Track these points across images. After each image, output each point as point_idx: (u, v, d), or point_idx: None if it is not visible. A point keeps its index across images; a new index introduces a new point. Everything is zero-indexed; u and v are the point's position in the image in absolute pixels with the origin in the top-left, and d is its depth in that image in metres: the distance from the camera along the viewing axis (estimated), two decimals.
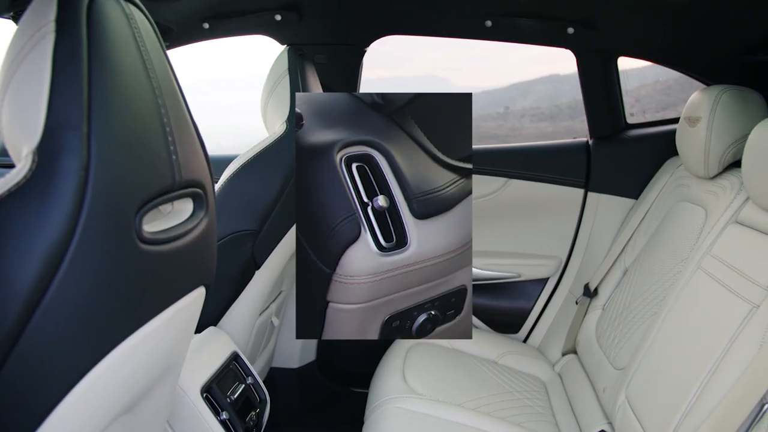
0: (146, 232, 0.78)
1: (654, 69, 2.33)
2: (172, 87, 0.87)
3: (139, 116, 0.77)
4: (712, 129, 1.74)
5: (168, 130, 0.82)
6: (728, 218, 1.61)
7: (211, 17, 2.14)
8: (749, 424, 1.18)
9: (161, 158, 0.80)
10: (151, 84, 0.81)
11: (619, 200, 2.32)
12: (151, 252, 0.79)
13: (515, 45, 2.30)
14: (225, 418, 1.50)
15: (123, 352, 0.79)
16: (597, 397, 1.86)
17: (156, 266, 0.81)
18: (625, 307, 1.92)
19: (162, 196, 0.81)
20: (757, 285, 1.34)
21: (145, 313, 0.83)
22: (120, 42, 0.76)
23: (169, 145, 0.82)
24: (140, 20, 0.83)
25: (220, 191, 1.66)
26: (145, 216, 0.78)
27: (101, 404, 0.82)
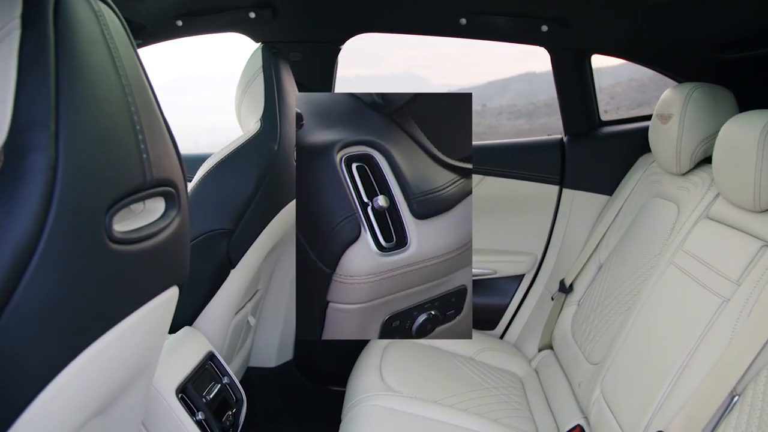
0: (117, 231, 0.77)
1: (629, 67, 2.35)
2: (142, 85, 0.86)
3: (109, 114, 0.76)
4: (683, 126, 1.76)
5: (138, 128, 0.81)
6: (699, 214, 1.63)
7: (184, 15, 2.12)
8: (720, 416, 1.20)
9: (131, 157, 0.80)
10: (121, 82, 0.80)
11: (594, 197, 2.34)
12: (121, 252, 0.78)
13: (492, 43, 2.31)
14: (201, 418, 1.49)
15: (94, 353, 0.78)
16: (573, 392, 1.88)
17: (127, 266, 0.80)
18: (599, 303, 1.94)
19: (133, 195, 0.80)
20: (727, 279, 1.36)
21: (116, 314, 0.82)
22: (88, 39, 0.75)
23: (139, 144, 0.81)
24: (109, 18, 0.82)
25: (193, 190, 1.65)
26: (116, 215, 0.77)
27: (72, 406, 0.80)
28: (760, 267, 1.29)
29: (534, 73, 3.45)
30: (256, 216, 1.71)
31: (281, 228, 1.92)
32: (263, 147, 1.71)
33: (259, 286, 2.14)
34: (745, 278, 1.32)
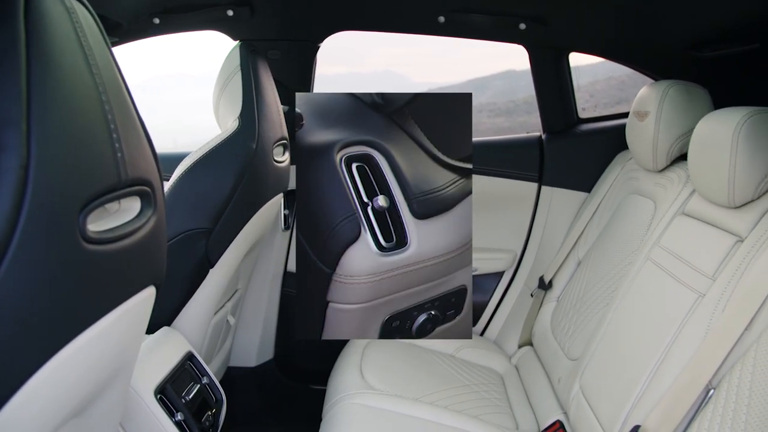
0: (91, 231, 0.76)
1: (608, 65, 2.37)
2: (117, 84, 0.85)
3: (82, 113, 0.75)
4: (659, 123, 1.78)
5: (113, 127, 0.80)
6: (676, 210, 1.65)
7: (161, 12, 2.10)
8: (696, 410, 1.21)
9: (106, 156, 0.79)
10: (95, 80, 0.79)
11: (572, 194, 2.35)
12: (96, 252, 0.77)
13: (472, 41, 2.32)
14: (180, 419, 1.48)
15: (69, 354, 0.78)
16: (552, 388, 1.89)
17: (102, 266, 0.79)
18: (578, 299, 1.95)
19: (107, 195, 0.79)
20: (702, 274, 1.38)
21: (91, 314, 0.81)
22: (61, 37, 0.74)
23: (113, 143, 0.80)
24: (83, 15, 0.81)
25: (171, 189, 1.63)
26: (90, 215, 0.76)
27: (48, 408, 0.80)
28: (734, 262, 1.31)
29: (514, 71, 3.47)
30: (235, 215, 1.70)
31: (260, 227, 1.91)
32: (241, 145, 1.70)
33: (239, 286, 2.13)
34: (719, 273, 1.34)
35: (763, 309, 1.16)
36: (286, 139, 1.98)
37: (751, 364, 1.12)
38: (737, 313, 1.20)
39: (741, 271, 1.27)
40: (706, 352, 1.22)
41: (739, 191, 1.34)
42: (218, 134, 1.73)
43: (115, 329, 0.89)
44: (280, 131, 1.92)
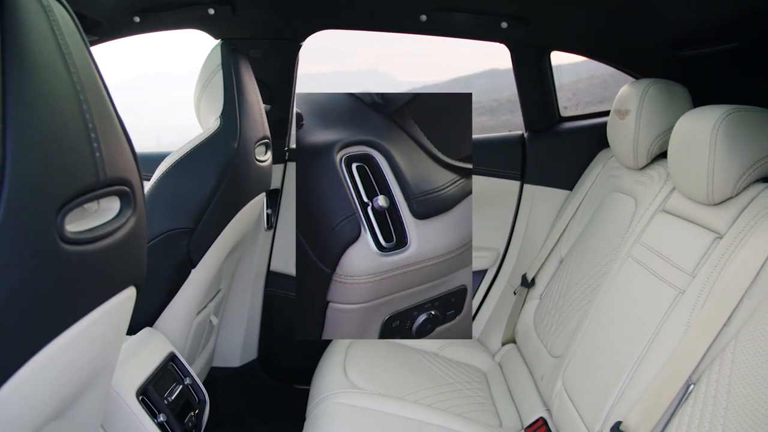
0: (69, 231, 0.75)
1: (590, 63, 2.38)
2: (95, 82, 0.84)
3: (59, 112, 0.74)
4: (640, 121, 1.79)
5: (91, 126, 0.80)
6: (656, 207, 1.67)
7: (141, 11, 2.08)
8: (677, 405, 1.22)
9: (83, 156, 0.78)
10: (72, 79, 0.78)
11: (554, 192, 2.37)
12: (74, 252, 0.76)
13: (456, 40, 2.32)
14: (162, 420, 1.47)
15: (48, 355, 0.77)
16: (536, 385, 1.90)
17: (80, 267, 0.79)
18: (561, 296, 1.96)
19: (85, 195, 0.78)
20: (682, 271, 1.39)
21: (69, 315, 0.80)
22: (36, 35, 0.73)
23: (92, 142, 0.79)
24: (59, 13, 0.80)
25: (152, 189, 1.62)
26: (68, 215, 0.75)
27: (27, 410, 0.79)
28: (714, 259, 1.32)
29: (497, 70, 3.47)
30: (217, 215, 1.70)
31: (243, 226, 1.90)
32: (223, 145, 1.69)
33: (221, 286, 2.12)
34: (699, 270, 1.35)
35: (741, 305, 1.18)
36: (268, 138, 1.97)
37: (730, 360, 1.13)
38: (716, 309, 1.21)
39: (720, 268, 1.29)
40: (686, 348, 1.24)
41: (718, 188, 1.35)
42: (199, 134, 1.72)
43: (95, 330, 0.88)
44: (262, 130, 1.91)
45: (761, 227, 1.22)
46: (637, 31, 2.01)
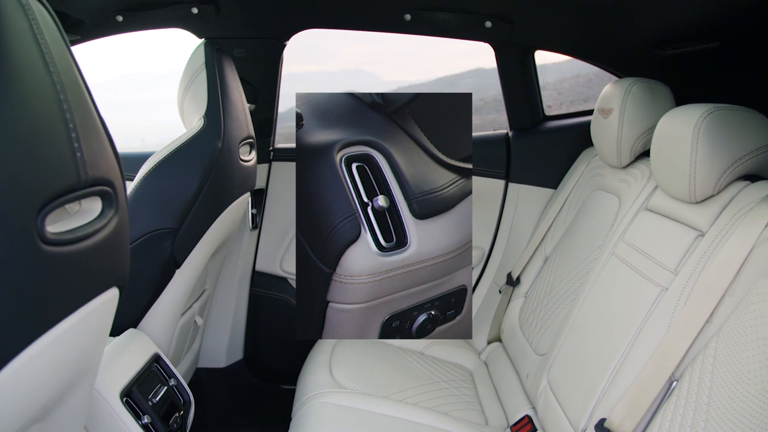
0: (49, 232, 0.75)
1: (575, 63, 2.40)
2: (75, 82, 0.83)
3: (38, 112, 0.74)
4: (623, 120, 1.80)
5: (71, 126, 0.79)
6: (639, 205, 1.68)
7: (124, 10, 2.06)
8: (660, 401, 1.24)
9: (64, 156, 0.77)
10: (52, 78, 0.77)
11: (539, 190, 2.38)
12: (55, 253, 0.76)
13: (442, 39, 2.32)
14: (147, 421, 1.47)
15: (29, 357, 0.76)
16: (521, 383, 1.91)
17: (61, 268, 0.78)
18: (546, 294, 1.97)
19: (66, 195, 0.78)
20: (665, 269, 1.40)
21: (51, 317, 0.79)
22: (15, 34, 0.72)
23: (72, 142, 0.79)
24: (39, 11, 0.79)
25: (135, 189, 1.61)
26: (49, 216, 0.75)
27: (8, 413, 0.78)
28: (696, 256, 1.33)
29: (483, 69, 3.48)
30: (201, 215, 1.69)
31: (227, 226, 1.90)
32: (207, 144, 1.69)
33: (207, 286, 2.11)
34: (681, 267, 1.36)
35: (723, 302, 1.19)
36: (252, 137, 1.97)
37: (711, 356, 1.15)
38: (698, 307, 1.22)
39: (702, 265, 1.30)
40: (669, 344, 1.25)
41: (700, 187, 1.37)
42: (183, 133, 1.71)
43: (77, 331, 0.87)
44: (246, 130, 1.90)
45: (742, 225, 1.24)
46: (620, 30, 2.02)
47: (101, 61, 3.16)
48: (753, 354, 1.06)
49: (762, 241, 1.16)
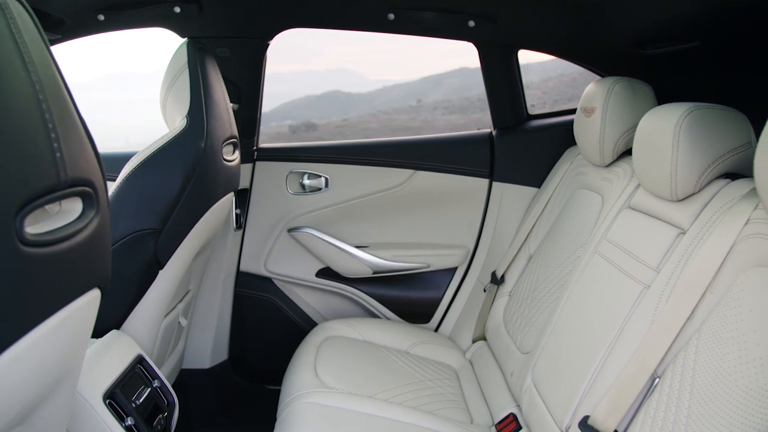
0: (29, 234, 0.74)
1: (560, 63, 2.41)
2: (54, 81, 0.83)
3: (17, 112, 0.73)
4: (605, 119, 1.81)
5: (51, 126, 0.78)
6: (622, 204, 1.69)
7: (106, 8, 2.05)
8: (643, 398, 1.24)
9: (43, 156, 0.77)
10: (30, 78, 0.76)
11: (523, 189, 2.39)
12: (34, 254, 0.75)
13: (426, 38, 2.32)
14: (130, 423, 1.46)
15: (9, 360, 0.75)
16: (506, 381, 1.91)
17: (41, 269, 0.77)
18: (530, 293, 1.98)
19: (46, 196, 0.77)
20: (647, 266, 1.41)
21: (30, 319, 0.79)
22: None
23: (52, 143, 0.78)
24: (17, 11, 0.78)
25: (118, 189, 1.60)
26: (28, 217, 0.74)
27: None
28: (677, 254, 1.34)
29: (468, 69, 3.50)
30: (184, 215, 1.68)
31: (211, 227, 1.89)
32: (190, 144, 1.68)
33: (191, 287, 2.10)
34: (663, 265, 1.37)
35: (704, 299, 1.20)
36: (235, 137, 1.96)
37: (693, 352, 1.16)
38: (680, 304, 1.23)
39: (683, 263, 1.31)
40: (651, 341, 1.25)
41: (681, 185, 1.38)
42: (166, 133, 1.70)
43: (58, 333, 0.87)
44: (230, 129, 1.89)
45: (722, 223, 1.25)
46: (602, 29, 2.03)
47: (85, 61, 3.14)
48: (733, 350, 1.07)
49: (742, 239, 1.17)
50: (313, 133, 3.84)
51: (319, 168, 2.46)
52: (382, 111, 4.06)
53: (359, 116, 4.03)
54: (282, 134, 3.74)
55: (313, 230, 2.45)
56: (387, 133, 4.04)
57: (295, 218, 2.47)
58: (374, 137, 2.53)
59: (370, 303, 2.51)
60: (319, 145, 2.50)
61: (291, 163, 2.46)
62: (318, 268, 2.52)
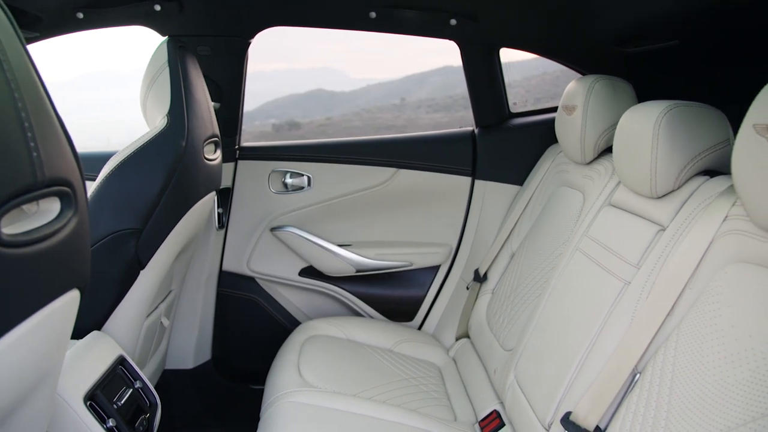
0: (5, 234, 0.73)
1: (542, 61, 2.42)
2: (31, 80, 0.82)
3: None
4: (586, 117, 1.82)
5: (27, 125, 0.77)
6: (603, 201, 1.70)
7: (85, 6, 2.02)
8: (624, 394, 1.25)
9: (20, 156, 0.76)
10: (6, 77, 0.75)
11: (505, 187, 2.40)
12: (11, 255, 0.74)
13: (410, 37, 2.32)
14: (112, 425, 1.44)
15: None
16: (489, 379, 1.92)
17: (18, 270, 0.77)
18: (512, 290, 1.99)
19: (22, 196, 0.76)
20: (627, 263, 1.42)
21: (8, 320, 0.78)
22: None
23: (28, 142, 0.77)
24: None
25: (97, 189, 1.58)
26: (5, 217, 0.73)
27: None
28: (657, 250, 1.35)
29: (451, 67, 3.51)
30: (165, 214, 1.67)
31: (193, 226, 1.88)
32: (170, 143, 1.66)
33: (173, 287, 2.09)
34: (643, 261, 1.38)
35: (683, 295, 1.21)
36: (217, 136, 1.95)
37: (673, 348, 1.17)
38: (660, 300, 1.24)
39: (663, 259, 1.32)
40: (632, 338, 1.26)
41: (661, 182, 1.39)
42: (146, 132, 1.69)
43: (36, 334, 0.86)
44: (211, 128, 1.88)
45: (701, 219, 1.26)
46: (582, 28, 2.05)
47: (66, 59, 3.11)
48: (712, 345, 1.08)
49: (720, 235, 1.18)
50: (296, 132, 3.83)
51: (302, 167, 2.45)
52: (365, 109, 4.06)
53: (343, 115, 4.03)
54: (265, 133, 3.73)
55: (296, 229, 2.45)
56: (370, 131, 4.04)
57: (278, 217, 2.46)
58: (358, 136, 2.53)
59: (353, 301, 2.51)
60: (302, 144, 2.49)
61: (273, 161, 2.45)
62: (301, 267, 2.52)
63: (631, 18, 1.82)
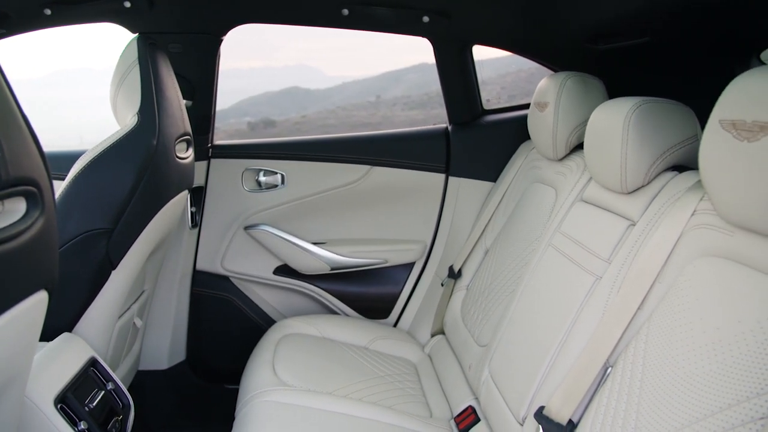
0: None
1: (517, 58, 2.43)
2: None
3: None
4: (558, 113, 1.84)
5: None
6: (575, 197, 1.72)
7: (53, 2, 1.99)
8: (596, 387, 1.27)
9: None
10: None
11: (479, 183, 2.41)
12: None
13: (385, 34, 2.32)
14: (83, 428, 1.42)
15: None
16: (464, 375, 1.93)
17: None
18: (486, 286, 2.00)
19: None
20: (599, 258, 1.44)
21: None
22: None
23: None
24: None
25: (66, 189, 1.56)
26: None
27: None
28: (627, 245, 1.37)
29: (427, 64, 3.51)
30: (137, 214, 1.65)
31: (165, 225, 1.86)
32: (141, 142, 1.65)
33: (146, 287, 2.07)
34: (614, 256, 1.40)
35: (653, 289, 1.22)
36: (189, 134, 1.93)
37: (643, 341, 1.18)
38: (630, 294, 1.26)
39: (633, 254, 1.34)
40: (603, 332, 1.28)
41: (631, 177, 1.40)
42: (116, 131, 1.67)
43: (3, 336, 0.85)
44: (183, 126, 1.87)
45: (670, 214, 1.28)
46: (554, 26, 2.06)
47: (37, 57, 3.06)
48: (681, 338, 1.10)
49: (689, 229, 1.20)
50: (271, 130, 3.82)
51: (275, 165, 2.44)
52: (341, 107, 4.05)
53: (318, 112, 4.02)
54: (241, 131, 3.71)
55: (269, 227, 2.44)
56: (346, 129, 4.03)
57: (252, 216, 2.45)
58: (333, 134, 2.53)
59: (328, 299, 2.51)
60: (275, 142, 2.48)
61: (246, 159, 2.43)
62: (275, 265, 2.51)
63: (603, 16, 1.84)
